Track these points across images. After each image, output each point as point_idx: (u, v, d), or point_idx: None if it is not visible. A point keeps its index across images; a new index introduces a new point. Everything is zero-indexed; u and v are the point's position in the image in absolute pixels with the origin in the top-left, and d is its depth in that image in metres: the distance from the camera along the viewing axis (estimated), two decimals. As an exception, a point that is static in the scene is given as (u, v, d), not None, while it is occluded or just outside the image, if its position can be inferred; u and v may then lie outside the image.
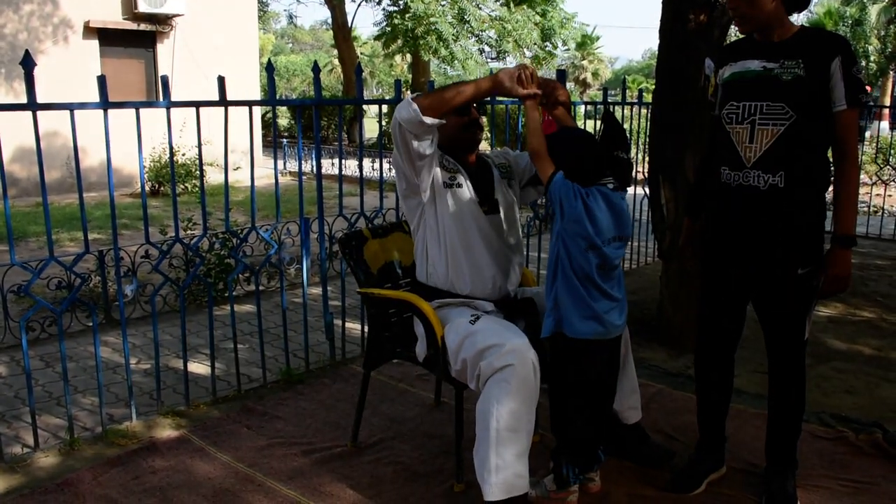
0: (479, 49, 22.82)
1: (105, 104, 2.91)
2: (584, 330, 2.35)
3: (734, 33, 5.08)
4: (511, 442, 2.30)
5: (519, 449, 2.31)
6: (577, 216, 2.30)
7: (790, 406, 2.59)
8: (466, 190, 2.65)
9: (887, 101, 25.36)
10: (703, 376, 2.77)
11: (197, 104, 3.23)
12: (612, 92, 6.40)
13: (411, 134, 2.44)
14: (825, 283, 2.41)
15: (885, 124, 17.61)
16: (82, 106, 2.89)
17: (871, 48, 27.10)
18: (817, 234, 2.42)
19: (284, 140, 16.59)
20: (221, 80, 3.25)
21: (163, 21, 13.21)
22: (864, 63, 27.06)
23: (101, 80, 2.93)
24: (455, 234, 2.64)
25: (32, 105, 2.73)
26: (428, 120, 2.39)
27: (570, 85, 39.55)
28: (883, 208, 9.11)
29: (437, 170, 2.61)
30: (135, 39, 13.13)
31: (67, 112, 2.86)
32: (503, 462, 2.30)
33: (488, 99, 2.79)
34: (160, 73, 3.52)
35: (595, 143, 2.43)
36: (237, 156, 12.78)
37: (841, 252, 2.37)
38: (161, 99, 3.13)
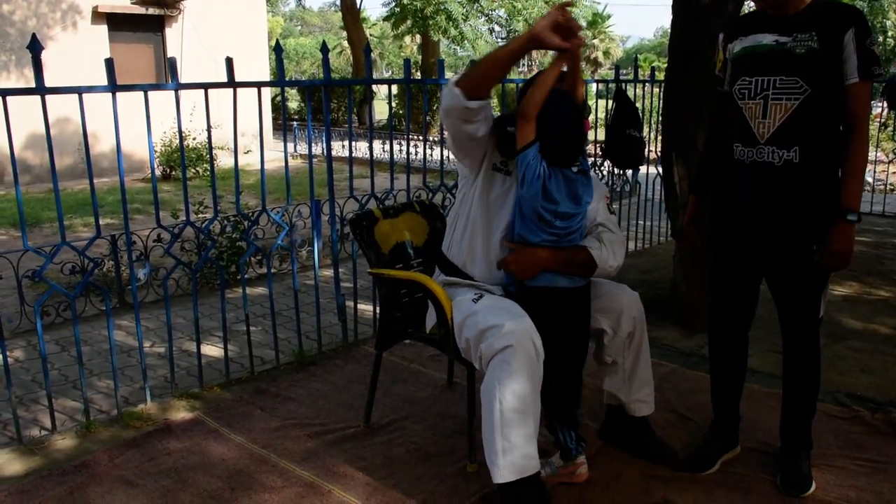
0: (489, 28, 22.70)
1: (113, 87, 2.90)
2: (543, 279, 2.43)
3: (748, 8, 4.99)
4: (517, 423, 2.26)
5: (526, 430, 2.28)
6: (534, 194, 2.37)
7: (805, 385, 2.57)
8: (514, 179, 2.53)
9: (904, 77, 24.96)
10: (717, 357, 2.76)
11: (205, 86, 3.21)
12: (624, 71, 6.33)
13: (459, 119, 2.35)
14: (824, 257, 2.34)
15: (901, 100, 17.37)
16: (90, 89, 2.88)
17: (888, 23, 26.68)
18: (831, 209, 2.35)
19: (295, 123, 16.57)
20: (230, 61, 3.24)
21: (171, 5, 13.19)
22: (881, 38, 26.64)
23: (109, 63, 2.92)
24: (480, 218, 2.56)
25: (41, 89, 2.72)
26: (472, 104, 2.30)
27: (581, 64, 39.11)
28: (900, 186, 9.01)
29: (490, 149, 2.53)
30: (143, 24, 13.13)
31: (78, 98, 2.86)
32: (510, 444, 2.27)
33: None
34: (169, 57, 3.52)
35: (577, 126, 2.42)
36: (248, 139, 12.79)
37: (844, 227, 2.31)
38: (170, 82, 3.12)
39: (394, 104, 15.54)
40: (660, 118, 4.66)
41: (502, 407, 2.26)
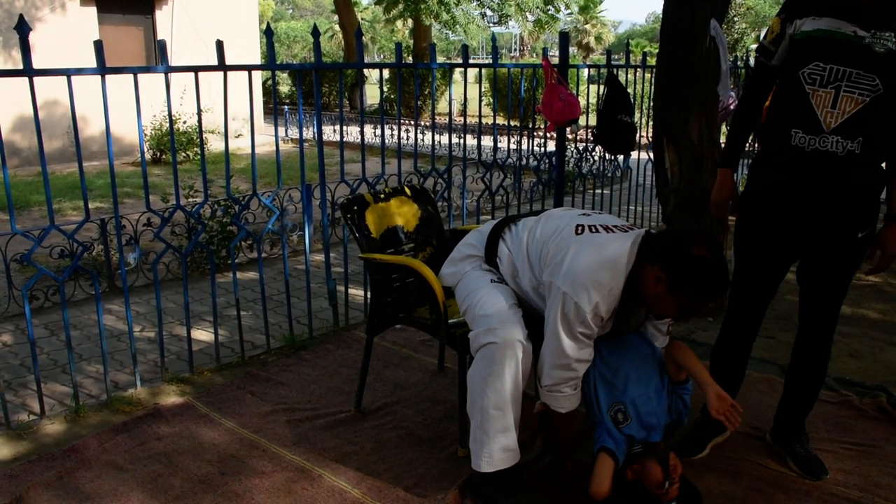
0: (480, 13, 22.59)
1: (102, 70, 2.86)
2: None
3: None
4: (495, 419, 2.31)
5: (504, 424, 2.32)
6: None
7: (818, 373, 2.61)
8: (607, 325, 2.36)
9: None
10: (733, 346, 2.71)
11: (196, 69, 3.18)
12: (616, 56, 6.27)
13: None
14: (882, 261, 2.42)
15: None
16: (79, 72, 2.85)
17: None
18: (878, 197, 2.40)
19: (286, 107, 16.47)
20: (220, 44, 3.21)
21: (161, -14, 13.04)
22: None
23: (98, 45, 2.88)
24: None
25: (29, 71, 2.69)
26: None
27: (573, 49, 39.11)
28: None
29: None
30: (133, 6, 12.97)
31: (67, 80, 2.83)
32: (488, 438, 2.33)
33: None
34: (158, 40, 3.45)
35: None
36: (238, 123, 12.71)
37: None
38: (160, 64, 3.09)
39: (385, 88, 15.42)
40: (651, 104, 4.65)
41: (483, 403, 2.31)
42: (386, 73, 4.23)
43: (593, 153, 6.01)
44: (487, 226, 2.62)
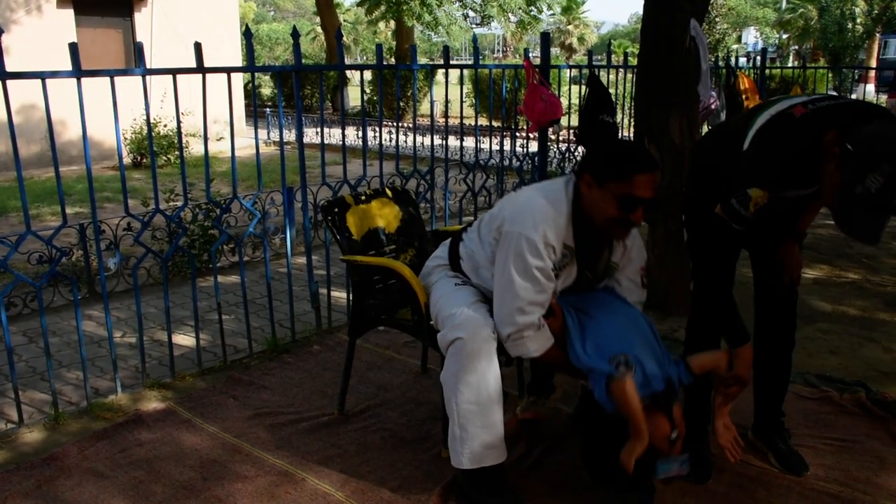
0: (463, 14, 22.62)
1: (78, 73, 2.84)
2: None
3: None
4: (474, 414, 2.28)
5: (484, 421, 2.29)
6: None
7: (788, 364, 2.66)
8: (571, 271, 2.36)
9: (873, 63, 25.35)
10: (705, 321, 2.63)
11: (174, 71, 3.16)
12: (598, 56, 6.31)
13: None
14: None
15: (870, 87, 17.69)
16: (54, 75, 2.82)
17: (857, 10, 27.01)
18: None
19: (268, 109, 16.40)
20: (198, 46, 3.18)
21: (140, -12, 12.95)
22: (850, 25, 26.96)
23: (73, 48, 2.85)
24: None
25: (1, 74, 2.65)
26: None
27: (555, 50, 39.28)
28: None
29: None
30: (111, 8, 12.86)
31: (42, 84, 2.79)
32: (467, 434, 2.30)
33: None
34: (136, 42, 3.39)
35: None
36: (220, 126, 12.63)
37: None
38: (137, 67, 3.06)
39: (367, 90, 15.40)
40: (633, 104, 4.67)
41: (458, 399, 2.29)
42: (368, 74, 4.22)
43: (575, 153, 6.03)
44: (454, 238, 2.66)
